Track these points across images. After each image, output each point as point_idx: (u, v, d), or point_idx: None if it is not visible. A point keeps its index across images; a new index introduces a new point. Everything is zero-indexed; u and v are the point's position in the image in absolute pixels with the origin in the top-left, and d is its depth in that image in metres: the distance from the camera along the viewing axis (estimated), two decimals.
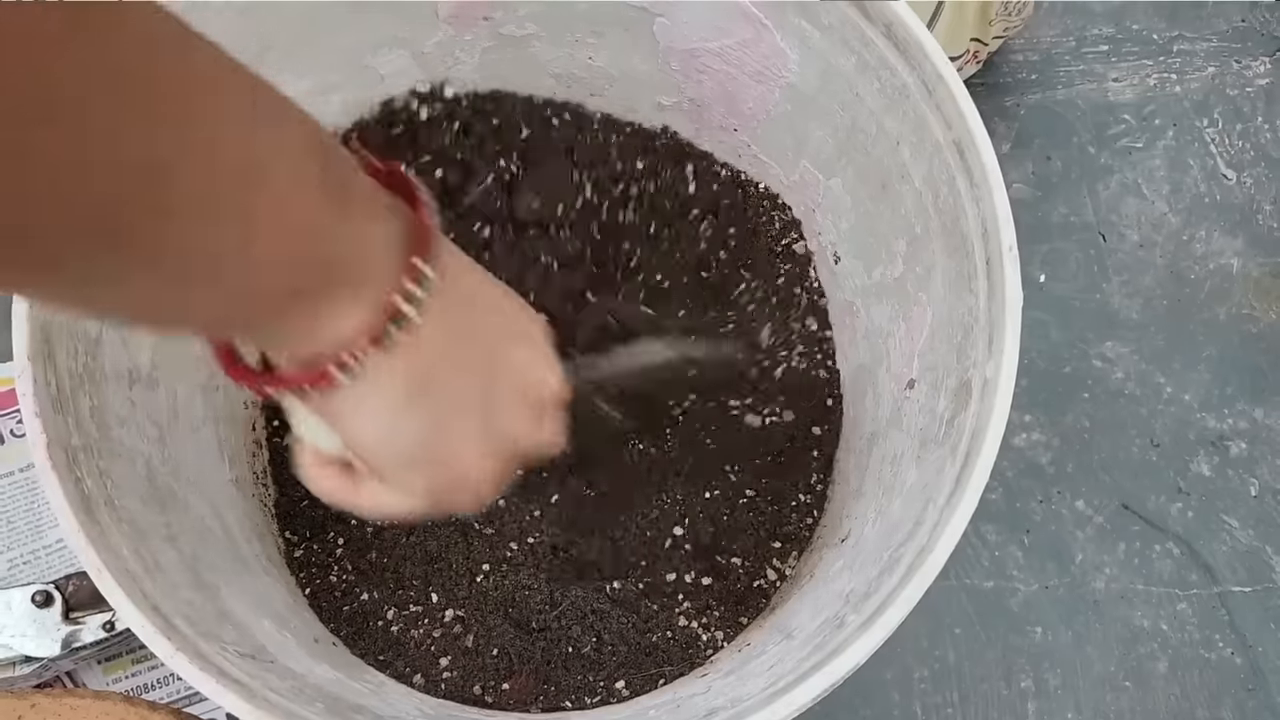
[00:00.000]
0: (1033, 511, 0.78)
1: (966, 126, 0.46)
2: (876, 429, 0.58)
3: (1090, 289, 0.83)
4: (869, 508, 0.55)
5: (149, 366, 0.50)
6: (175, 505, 0.49)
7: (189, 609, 0.43)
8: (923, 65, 0.48)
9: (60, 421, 0.42)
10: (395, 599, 0.58)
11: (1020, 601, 0.76)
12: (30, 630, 0.69)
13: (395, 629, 0.58)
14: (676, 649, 0.57)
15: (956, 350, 0.49)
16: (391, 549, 0.59)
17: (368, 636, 0.57)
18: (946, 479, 0.45)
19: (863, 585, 0.47)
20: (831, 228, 0.62)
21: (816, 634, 0.47)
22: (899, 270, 0.55)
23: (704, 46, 0.58)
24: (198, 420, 0.55)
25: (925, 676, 0.74)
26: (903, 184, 0.53)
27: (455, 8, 0.56)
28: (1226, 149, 0.86)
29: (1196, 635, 0.75)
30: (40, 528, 0.75)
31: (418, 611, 0.58)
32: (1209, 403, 0.80)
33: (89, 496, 0.41)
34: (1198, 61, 0.89)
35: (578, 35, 0.60)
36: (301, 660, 0.48)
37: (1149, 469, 0.79)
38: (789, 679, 0.42)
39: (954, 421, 0.47)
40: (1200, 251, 0.84)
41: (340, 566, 0.59)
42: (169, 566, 0.44)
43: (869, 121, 0.53)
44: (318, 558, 0.60)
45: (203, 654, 0.40)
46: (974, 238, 0.47)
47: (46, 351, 0.42)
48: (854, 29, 0.51)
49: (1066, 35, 0.90)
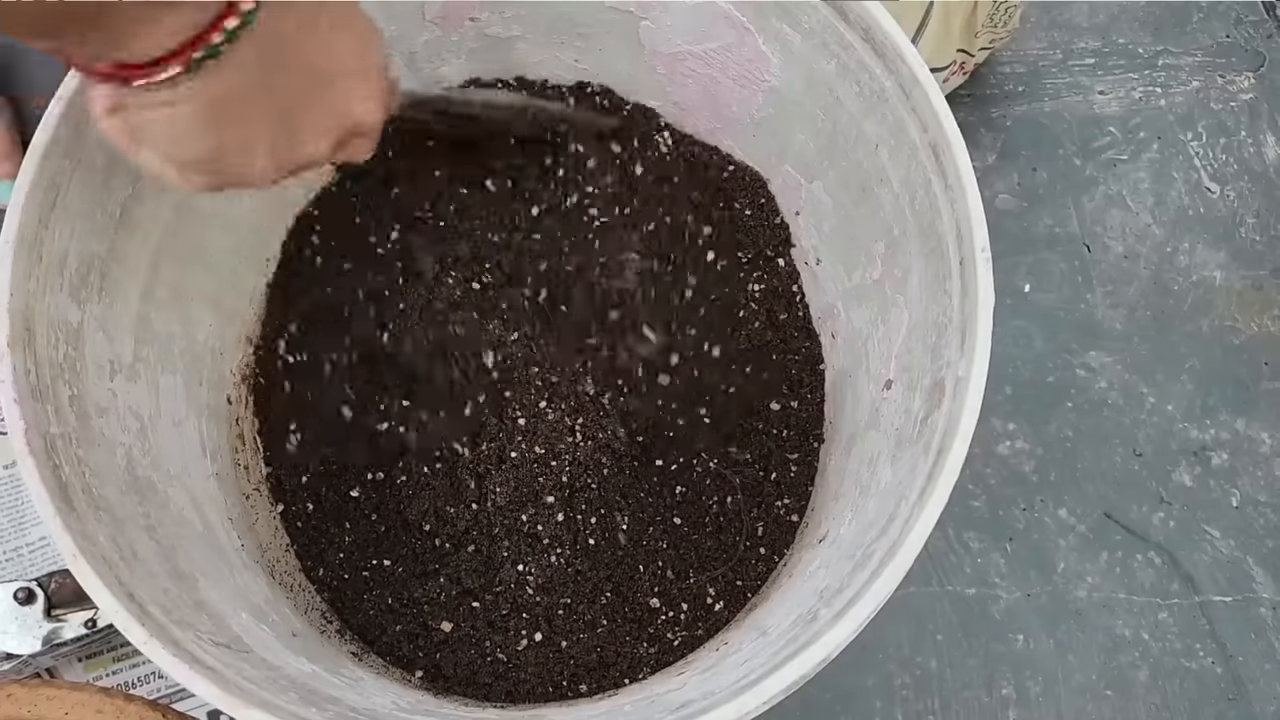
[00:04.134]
0: (1015, 520, 0.78)
1: (941, 129, 0.47)
2: (855, 430, 0.58)
3: (1074, 299, 0.83)
4: (845, 508, 0.55)
5: (131, 359, 0.51)
6: (155, 497, 0.49)
7: (165, 598, 0.43)
8: (899, 69, 0.49)
9: (39, 409, 0.42)
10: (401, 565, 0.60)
11: (1002, 609, 0.76)
12: (11, 627, 0.69)
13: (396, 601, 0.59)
14: (656, 648, 0.57)
15: (931, 350, 0.49)
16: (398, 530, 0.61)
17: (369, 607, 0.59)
18: (919, 476, 0.45)
19: (836, 581, 0.47)
20: (814, 231, 0.62)
21: (790, 629, 0.47)
22: (878, 272, 0.56)
23: (688, 50, 0.59)
24: (180, 415, 0.55)
25: (907, 683, 0.74)
26: (881, 187, 0.53)
27: (442, 8, 0.57)
28: (1210, 162, 0.87)
29: (1178, 644, 0.75)
30: (23, 525, 0.75)
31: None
32: (1191, 413, 0.81)
33: (66, 484, 0.42)
34: (1183, 76, 0.90)
35: (563, 38, 0.61)
36: (279, 653, 0.48)
37: (1131, 479, 0.79)
38: (760, 672, 0.42)
39: (928, 420, 0.47)
40: (1184, 263, 0.84)
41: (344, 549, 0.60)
42: (146, 556, 0.44)
43: (849, 125, 0.54)
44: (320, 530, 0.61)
45: (176, 640, 0.40)
46: (949, 239, 0.48)
47: (27, 339, 0.43)
48: (833, 33, 0.51)
49: (1053, 48, 0.90)
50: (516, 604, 0.59)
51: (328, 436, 0.61)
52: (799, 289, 0.65)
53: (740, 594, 0.60)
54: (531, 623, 0.59)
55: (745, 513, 0.61)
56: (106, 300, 0.49)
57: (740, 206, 0.65)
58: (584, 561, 0.59)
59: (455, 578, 0.59)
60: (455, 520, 0.60)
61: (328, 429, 0.61)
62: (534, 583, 0.59)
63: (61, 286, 0.45)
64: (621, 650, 0.58)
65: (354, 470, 0.61)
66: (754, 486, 0.62)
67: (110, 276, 0.49)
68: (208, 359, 0.59)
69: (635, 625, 0.58)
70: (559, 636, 0.58)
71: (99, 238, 0.48)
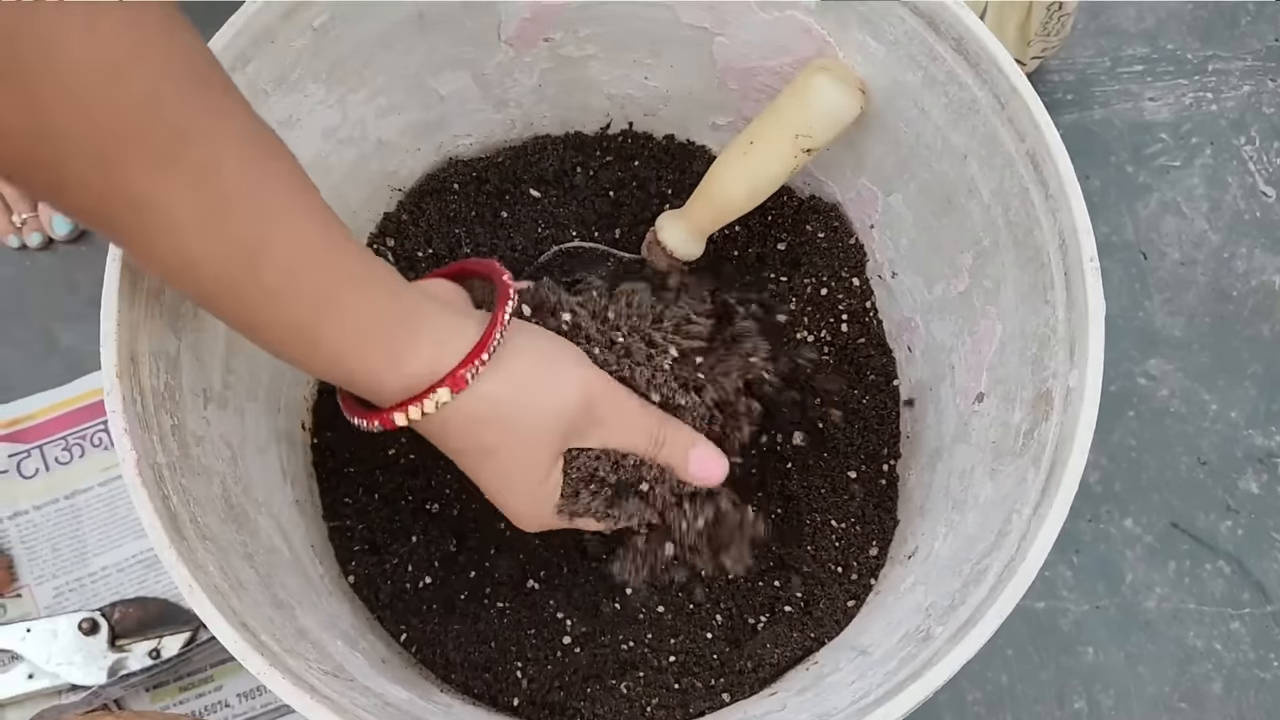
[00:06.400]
0: (1081, 531, 0.78)
1: (1042, 138, 0.47)
2: (940, 445, 0.58)
3: (1133, 307, 0.83)
4: (937, 523, 0.54)
5: (220, 386, 0.50)
6: (248, 525, 0.49)
7: (272, 626, 0.42)
8: (995, 79, 0.48)
9: (147, 439, 0.42)
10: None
11: (1071, 622, 0.75)
12: (76, 658, 0.69)
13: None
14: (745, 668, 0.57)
15: (1031, 362, 0.49)
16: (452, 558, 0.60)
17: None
18: (1030, 490, 0.44)
19: (944, 598, 0.46)
20: (889, 244, 0.62)
21: (898, 648, 0.46)
22: (964, 284, 0.55)
23: (762, 64, 0.58)
24: (263, 441, 0.54)
25: (978, 699, 0.73)
26: (970, 198, 0.53)
27: (518, 28, 0.57)
28: (1265, 166, 0.87)
29: (1251, 655, 0.75)
30: (85, 555, 0.74)
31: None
32: (1255, 419, 0.80)
33: (175, 514, 0.41)
34: (1233, 80, 0.89)
35: (635, 56, 0.61)
36: (376, 680, 0.47)
37: (1197, 487, 0.79)
38: (879, 693, 0.41)
39: (1033, 433, 0.47)
40: (1242, 269, 0.84)
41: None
42: (250, 584, 0.44)
43: (934, 136, 0.53)
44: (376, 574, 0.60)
45: (291, 669, 0.40)
46: (1050, 249, 0.47)
47: (132, 370, 0.42)
48: (921, 43, 0.51)
49: (1102, 55, 0.90)
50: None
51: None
52: (872, 305, 0.64)
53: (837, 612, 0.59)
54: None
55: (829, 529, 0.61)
56: (198, 327, 0.48)
57: (813, 230, 0.65)
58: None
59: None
60: None
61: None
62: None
63: (160, 315, 0.45)
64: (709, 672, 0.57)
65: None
66: (833, 506, 0.61)
67: None
68: (284, 385, 0.58)
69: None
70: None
71: None
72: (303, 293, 0.39)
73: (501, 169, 0.66)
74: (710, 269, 0.64)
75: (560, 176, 0.67)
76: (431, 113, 0.61)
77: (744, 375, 0.54)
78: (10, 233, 0.80)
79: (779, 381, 0.59)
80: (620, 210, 0.66)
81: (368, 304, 0.41)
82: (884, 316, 0.64)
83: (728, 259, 0.66)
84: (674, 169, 0.67)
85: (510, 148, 0.67)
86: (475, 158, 0.66)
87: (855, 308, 0.64)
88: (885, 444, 0.63)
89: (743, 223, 0.63)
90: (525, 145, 0.67)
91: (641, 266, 0.61)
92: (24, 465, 0.75)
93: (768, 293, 0.65)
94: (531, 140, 0.67)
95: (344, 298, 0.40)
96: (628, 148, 0.67)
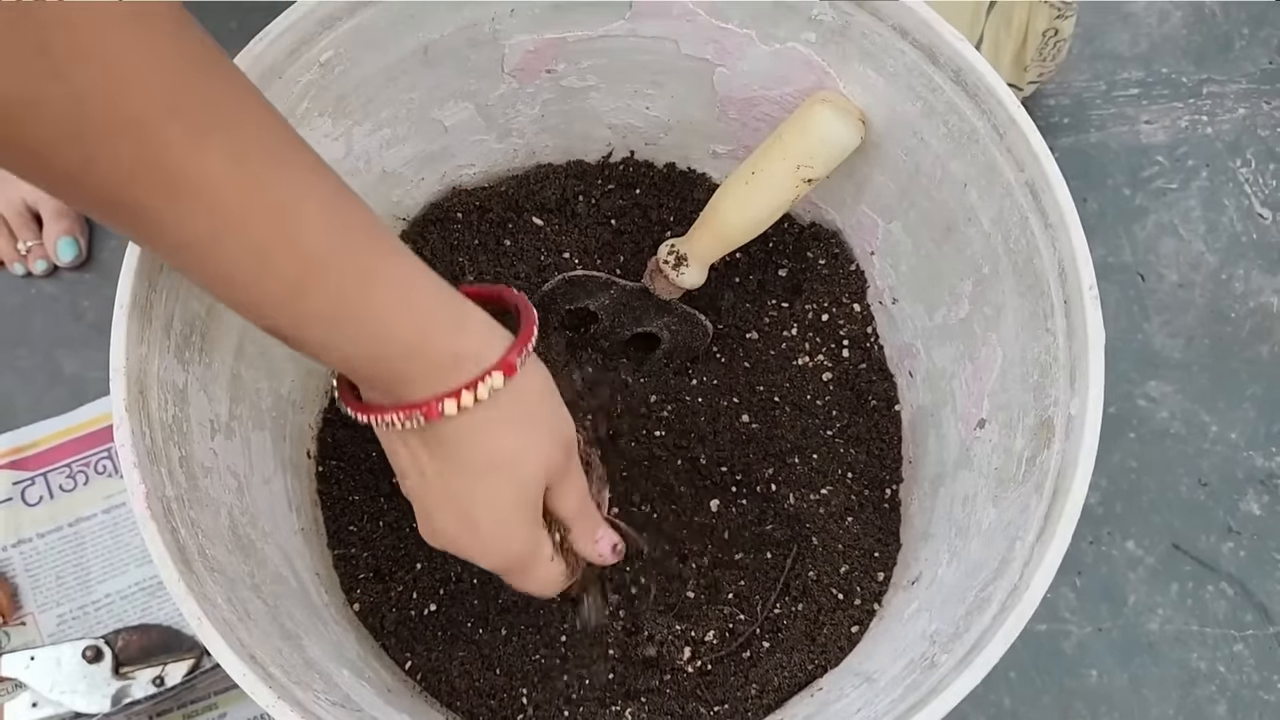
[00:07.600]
0: (1083, 553, 0.78)
1: (1041, 169, 0.47)
2: (942, 470, 0.58)
3: (1132, 329, 0.83)
4: (940, 549, 0.55)
5: (227, 417, 0.51)
6: (255, 555, 0.49)
7: (280, 658, 0.43)
8: (994, 109, 0.49)
9: (155, 472, 0.42)
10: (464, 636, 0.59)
11: (1074, 644, 0.76)
12: (80, 686, 0.69)
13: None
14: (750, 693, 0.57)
15: (1033, 389, 0.49)
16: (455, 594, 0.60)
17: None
18: (1033, 517, 0.45)
19: (949, 625, 0.46)
20: (890, 271, 0.62)
21: (903, 675, 0.46)
22: (964, 311, 0.56)
23: (763, 94, 0.59)
24: (269, 471, 0.55)
25: None
26: (969, 226, 0.53)
27: (521, 60, 0.57)
28: (1261, 188, 0.87)
29: (1255, 677, 0.75)
30: (89, 583, 0.74)
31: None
32: (1256, 441, 0.80)
33: (184, 546, 0.41)
34: (1228, 103, 0.90)
35: (636, 86, 0.61)
36: (383, 710, 0.48)
37: (1198, 509, 0.79)
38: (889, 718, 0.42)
39: (1035, 460, 0.47)
40: (1239, 290, 0.85)
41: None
42: (258, 615, 0.44)
43: (934, 165, 0.54)
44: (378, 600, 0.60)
45: (300, 701, 0.40)
46: (1049, 278, 0.48)
47: (141, 403, 0.43)
48: (920, 75, 0.51)
49: (1097, 79, 0.91)
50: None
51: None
52: (873, 330, 0.65)
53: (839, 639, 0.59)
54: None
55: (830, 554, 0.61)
56: (206, 360, 0.49)
57: (814, 257, 0.65)
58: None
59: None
60: None
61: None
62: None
63: (168, 348, 0.45)
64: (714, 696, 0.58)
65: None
66: (836, 530, 0.62)
67: (209, 336, 0.49)
68: (289, 413, 0.59)
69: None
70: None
71: (200, 298, 0.48)
72: (346, 256, 0.37)
73: (504, 198, 0.67)
74: (711, 296, 0.65)
75: (562, 205, 0.67)
76: (435, 144, 0.61)
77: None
78: (15, 260, 0.80)
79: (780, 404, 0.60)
80: (622, 238, 0.67)
81: (416, 270, 0.40)
82: (885, 342, 0.65)
83: (729, 285, 0.66)
84: (675, 196, 0.68)
85: (513, 177, 0.67)
86: (478, 187, 0.67)
87: (856, 333, 0.65)
88: (887, 469, 0.63)
89: (744, 249, 0.63)
90: (528, 174, 0.67)
91: (644, 294, 0.62)
92: (28, 493, 0.75)
93: (768, 319, 0.65)
94: (534, 169, 0.68)
95: (389, 259, 0.39)
96: (629, 176, 0.68)
